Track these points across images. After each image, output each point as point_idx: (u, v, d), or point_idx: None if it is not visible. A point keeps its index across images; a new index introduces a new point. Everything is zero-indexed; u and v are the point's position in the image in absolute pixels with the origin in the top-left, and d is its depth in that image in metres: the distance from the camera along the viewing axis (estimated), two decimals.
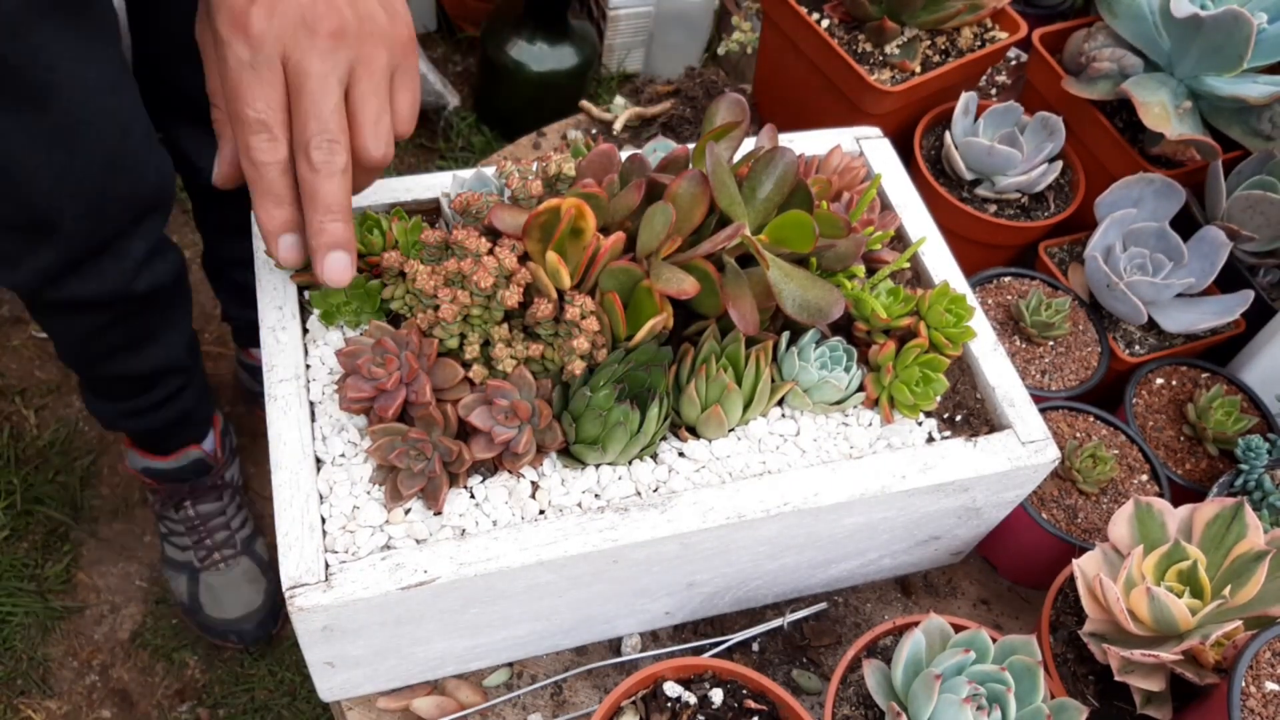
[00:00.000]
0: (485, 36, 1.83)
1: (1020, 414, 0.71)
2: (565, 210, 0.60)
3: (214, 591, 1.35)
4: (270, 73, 0.55)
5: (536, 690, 0.74)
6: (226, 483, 1.35)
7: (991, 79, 1.18)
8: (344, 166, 0.56)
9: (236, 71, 0.55)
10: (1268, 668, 0.62)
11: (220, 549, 1.35)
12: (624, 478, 0.65)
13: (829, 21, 0.99)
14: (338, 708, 0.73)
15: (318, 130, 0.55)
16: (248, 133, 0.55)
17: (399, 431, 0.61)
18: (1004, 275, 0.93)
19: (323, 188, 0.56)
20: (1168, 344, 0.92)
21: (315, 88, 0.55)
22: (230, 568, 1.35)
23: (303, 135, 0.55)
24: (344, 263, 0.58)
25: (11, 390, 1.56)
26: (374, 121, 0.58)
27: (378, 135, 0.58)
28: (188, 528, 1.34)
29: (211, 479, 1.32)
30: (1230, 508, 0.69)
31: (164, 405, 1.16)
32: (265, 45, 0.54)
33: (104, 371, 1.07)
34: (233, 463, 1.38)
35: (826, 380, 0.68)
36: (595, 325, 0.62)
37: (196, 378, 1.20)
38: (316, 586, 0.58)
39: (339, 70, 0.56)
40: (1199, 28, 0.86)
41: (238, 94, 0.55)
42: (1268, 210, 0.90)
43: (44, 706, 1.32)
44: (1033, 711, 0.63)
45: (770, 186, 0.66)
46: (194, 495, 1.32)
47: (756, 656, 0.77)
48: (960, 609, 0.83)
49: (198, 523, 1.34)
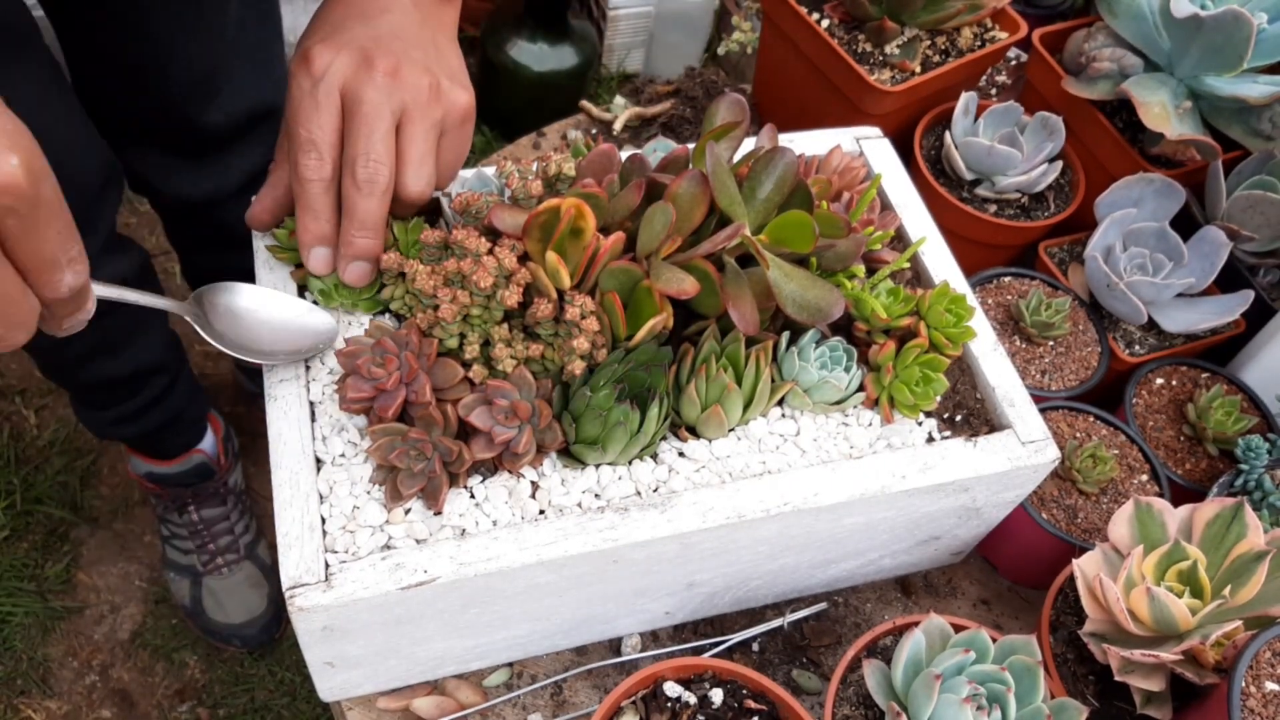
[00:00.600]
0: (485, 36, 1.83)
1: (1020, 414, 0.71)
2: (565, 210, 0.60)
3: (216, 596, 1.35)
4: (327, 100, 0.60)
5: (536, 690, 0.74)
6: (230, 488, 1.35)
7: (991, 79, 1.18)
8: (384, 189, 0.61)
9: (297, 99, 0.60)
10: (1268, 668, 0.62)
11: (223, 553, 1.34)
12: (624, 478, 0.65)
13: (829, 21, 0.99)
14: (338, 708, 0.73)
15: (364, 150, 0.60)
16: (299, 151, 0.60)
17: (399, 431, 0.62)
18: (1004, 275, 0.93)
19: (361, 204, 0.61)
20: (1168, 344, 0.92)
21: (368, 113, 0.60)
22: (233, 572, 1.35)
23: (351, 153, 0.60)
24: (364, 270, 0.64)
25: (11, 390, 1.56)
26: (418, 160, 0.62)
27: (419, 172, 0.62)
28: (190, 532, 1.33)
29: (215, 484, 1.32)
30: (1230, 508, 0.69)
31: (153, 407, 1.15)
32: (327, 77, 0.60)
33: (86, 378, 1.07)
34: (236, 467, 1.38)
35: (826, 380, 0.68)
36: (595, 325, 0.62)
37: (183, 376, 1.19)
38: (316, 586, 0.58)
39: (392, 104, 0.60)
40: (1199, 28, 0.86)
41: (295, 117, 0.60)
42: (1268, 210, 0.90)
43: (44, 706, 1.32)
44: (1033, 711, 0.63)
45: (770, 186, 0.66)
46: (197, 499, 1.32)
47: (756, 656, 0.77)
48: (960, 609, 0.83)
49: (201, 527, 1.33)
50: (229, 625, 1.35)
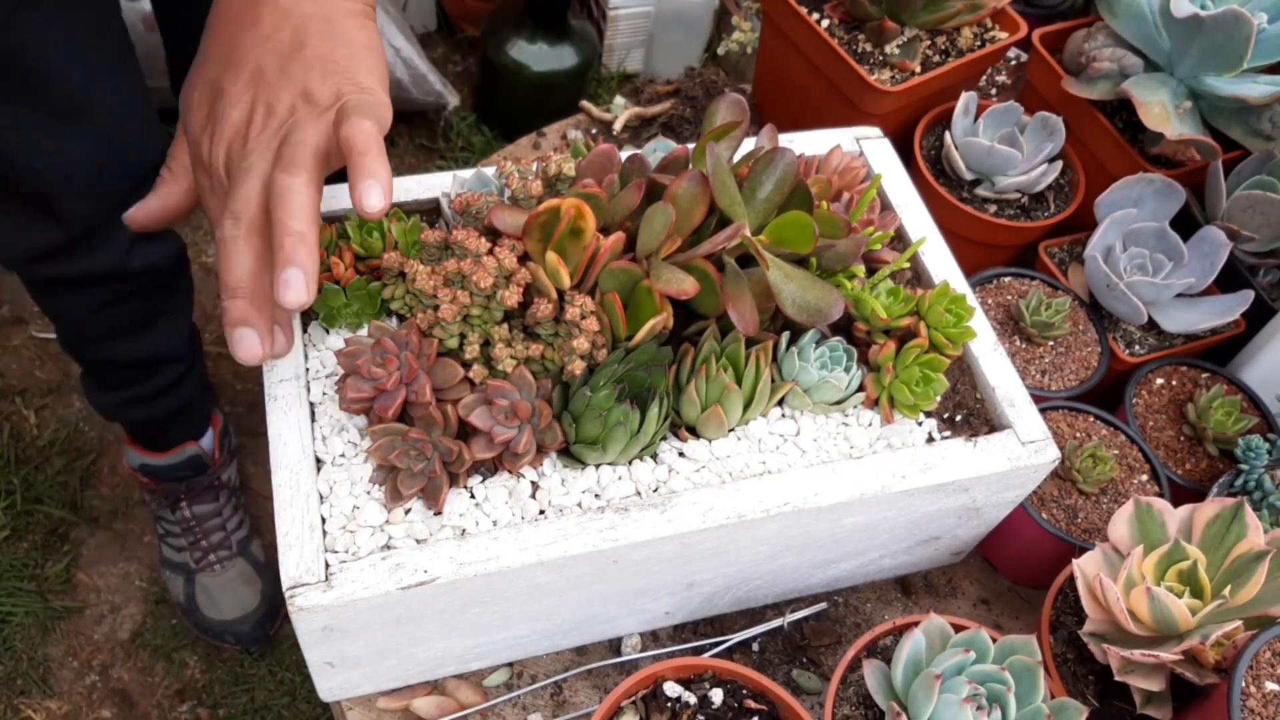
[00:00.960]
0: (485, 36, 1.83)
1: (1020, 414, 0.71)
2: (565, 210, 0.60)
3: (210, 593, 1.35)
4: None
5: (536, 690, 0.74)
6: (223, 483, 1.35)
7: (991, 79, 1.18)
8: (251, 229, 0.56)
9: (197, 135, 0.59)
10: (1268, 668, 0.62)
11: (215, 550, 1.35)
12: (624, 478, 0.65)
13: (829, 21, 0.99)
14: (338, 708, 0.73)
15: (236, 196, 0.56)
16: None
17: (399, 431, 0.61)
18: (1004, 275, 0.93)
19: None
20: (1168, 344, 0.92)
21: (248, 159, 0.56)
22: (225, 569, 1.36)
23: None
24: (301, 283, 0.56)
25: (11, 390, 1.56)
26: None
27: None
28: (183, 529, 1.34)
29: (208, 479, 1.32)
30: (1230, 508, 0.69)
31: (164, 394, 1.16)
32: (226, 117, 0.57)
33: (103, 355, 1.08)
34: (230, 464, 1.38)
35: (826, 380, 0.68)
36: (595, 325, 0.62)
37: (196, 371, 1.20)
38: (316, 586, 0.58)
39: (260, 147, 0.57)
40: (1199, 28, 0.86)
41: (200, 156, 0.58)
42: (1268, 210, 0.90)
43: (44, 706, 1.32)
44: (1033, 711, 0.63)
45: (770, 187, 0.66)
46: (190, 496, 1.32)
47: (756, 656, 0.77)
48: (960, 609, 0.83)
49: (193, 524, 1.34)
50: (222, 622, 1.35)
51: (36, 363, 1.60)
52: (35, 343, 1.61)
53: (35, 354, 1.60)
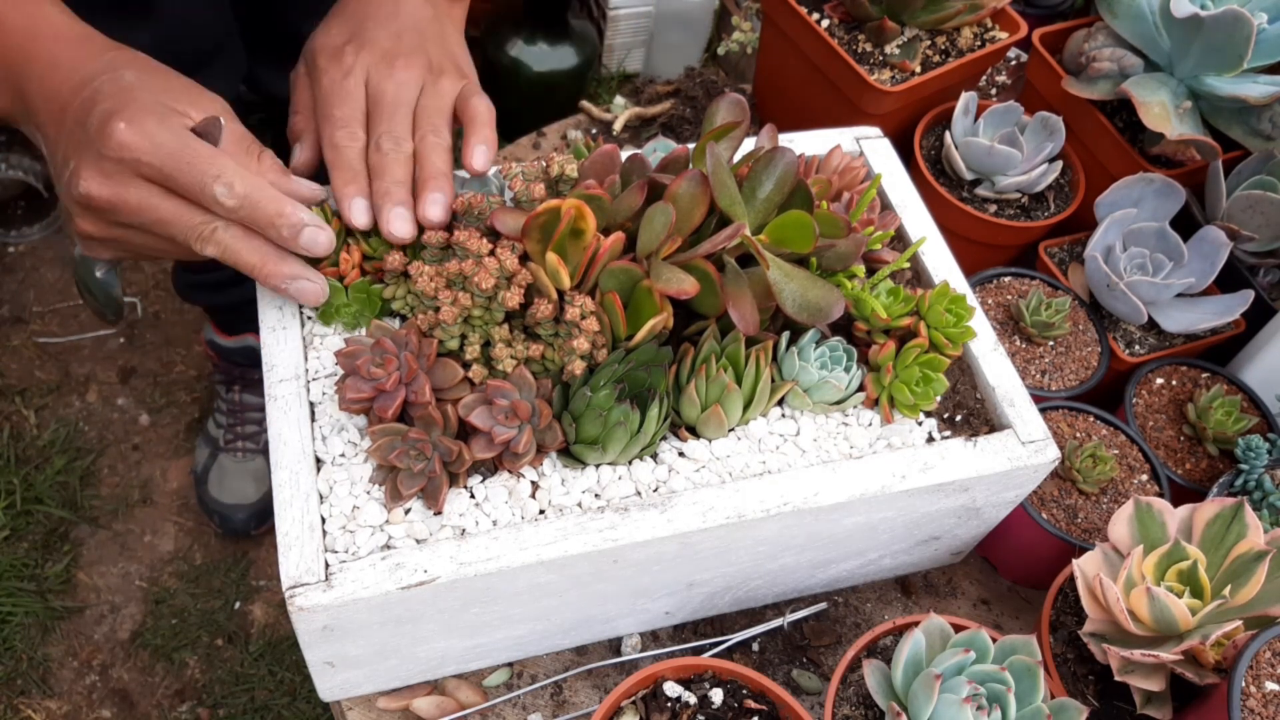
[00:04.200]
0: (485, 36, 1.83)
1: (1020, 414, 0.71)
2: (565, 211, 0.60)
3: (223, 473, 1.48)
4: (356, 90, 0.69)
5: (536, 690, 0.74)
6: None
7: (991, 79, 1.18)
8: (407, 154, 0.68)
9: (329, 89, 0.70)
10: (1268, 668, 0.62)
11: (246, 439, 1.49)
12: (624, 478, 0.65)
13: (829, 21, 0.99)
14: (338, 708, 0.73)
15: (386, 130, 0.68)
16: (335, 127, 0.68)
17: (399, 431, 0.62)
18: (1004, 275, 0.93)
19: (389, 167, 0.67)
20: (1168, 344, 0.92)
21: (389, 101, 0.69)
22: (246, 459, 1.49)
23: (376, 132, 0.68)
24: (406, 218, 0.66)
25: (11, 390, 1.56)
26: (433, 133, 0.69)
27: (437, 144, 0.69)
28: (229, 408, 1.50)
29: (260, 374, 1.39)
30: (1230, 508, 0.69)
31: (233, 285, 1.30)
32: (354, 72, 0.70)
33: None
34: None
35: (826, 380, 0.68)
36: (595, 325, 0.62)
37: None
38: (316, 586, 0.58)
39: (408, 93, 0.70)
40: (1199, 28, 0.86)
41: (330, 102, 0.69)
42: (1268, 210, 0.90)
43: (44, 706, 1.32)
44: (1033, 711, 0.63)
45: (770, 187, 0.66)
46: (244, 383, 1.48)
47: (756, 656, 0.77)
48: (960, 609, 0.83)
49: (238, 408, 1.49)
50: (219, 503, 1.47)
51: (36, 363, 1.60)
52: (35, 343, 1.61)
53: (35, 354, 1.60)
